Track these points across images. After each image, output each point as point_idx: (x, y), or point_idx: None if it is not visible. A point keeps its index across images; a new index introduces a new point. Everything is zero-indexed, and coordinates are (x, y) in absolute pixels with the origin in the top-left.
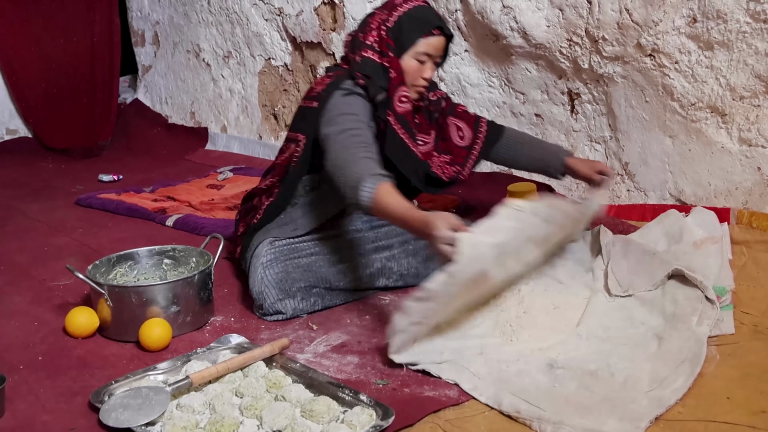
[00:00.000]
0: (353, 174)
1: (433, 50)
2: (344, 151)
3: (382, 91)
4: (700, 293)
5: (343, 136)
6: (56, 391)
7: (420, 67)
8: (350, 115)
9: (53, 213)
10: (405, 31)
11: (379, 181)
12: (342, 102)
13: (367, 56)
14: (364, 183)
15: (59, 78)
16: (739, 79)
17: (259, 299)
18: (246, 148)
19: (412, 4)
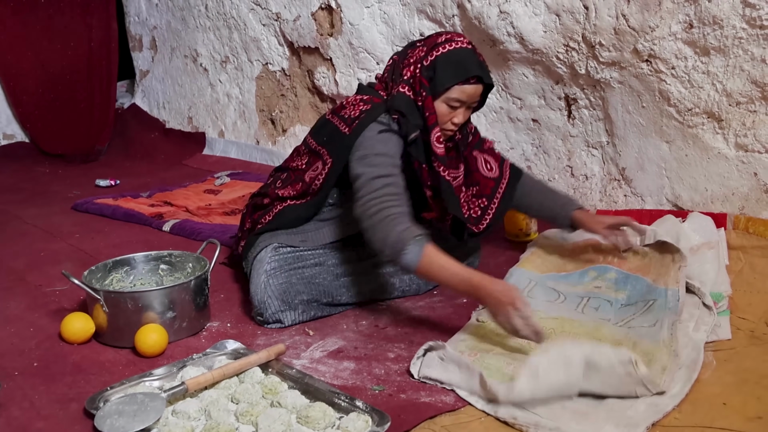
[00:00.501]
0: (393, 234)
1: (467, 98)
2: (379, 204)
3: (416, 129)
4: (698, 299)
5: (377, 182)
6: (51, 397)
7: (450, 113)
8: (385, 157)
9: (50, 218)
10: (439, 75)
11: (423, 244)
12: (378, 140)
13: (402, 92)
14: (407, 245)
15: (56, 83)
16: (735, 85)
17: (260, 308)
18: (243, 153)
19: (454, 45)
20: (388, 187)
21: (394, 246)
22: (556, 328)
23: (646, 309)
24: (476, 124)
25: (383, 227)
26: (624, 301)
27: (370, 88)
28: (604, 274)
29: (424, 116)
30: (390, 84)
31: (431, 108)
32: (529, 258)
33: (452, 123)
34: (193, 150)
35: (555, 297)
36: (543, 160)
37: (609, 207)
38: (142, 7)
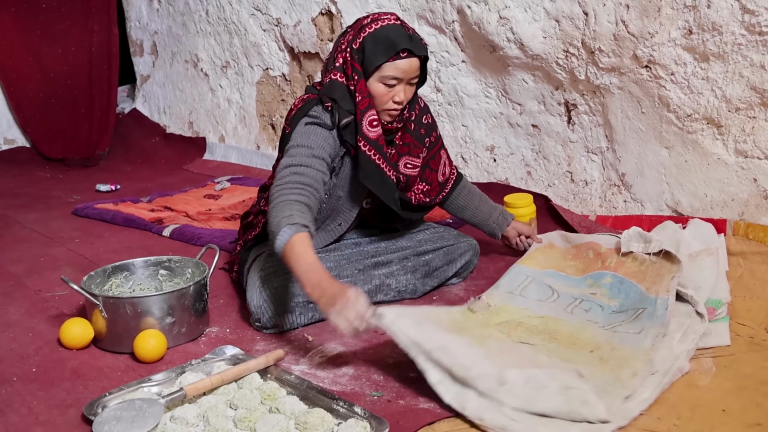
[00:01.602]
0: (276, 217)
1: (402, 73)
2: (279, 191)
3: (348, 115)
4: (691, 308)
5: (285, 171)
6: (50, 403)
7: (389, 91)
8: (303, 148)
9: (50, 223)
10: (369, 55)
11: (295, 231)
12: (301, 132)
13: (334, 79)
14: (282, 229)
15: (57, 88)
16: (734, 91)
17: (257, 313)
18: (244, 158)
19: (380, 24)
20: (294, 175)
21: (272, 229)
22: (539, 326)
23: (635, 317)
24: (476, 129)
25: (273, 211)
26: (616, 308)
27: (312, 87)
28: (601, 280)
29: (355, 101)
30: (323, 75)
31: (365, 91)
32: (531, 254)
33: (394, 102)
34: (193, 155)
35: (549, 295)
36: (543, 166)
37: (609, 213)
38: (143, 12)
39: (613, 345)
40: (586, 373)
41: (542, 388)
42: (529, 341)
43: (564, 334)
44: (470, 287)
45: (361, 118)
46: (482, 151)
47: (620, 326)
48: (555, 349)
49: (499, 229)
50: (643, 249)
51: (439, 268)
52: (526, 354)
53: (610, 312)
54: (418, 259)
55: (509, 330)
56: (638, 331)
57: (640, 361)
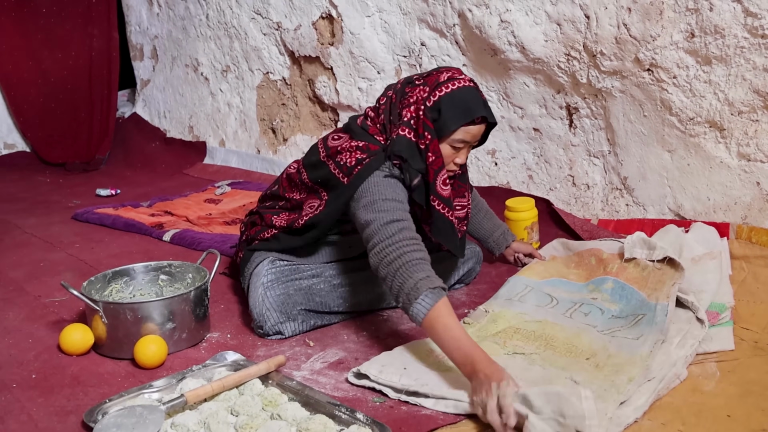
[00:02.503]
0: (411, 281)
1: (471, 138)
2: (398, 250)
3: (418, 174)
4: (691, 314)
5: (391, 228)
6: (49, 410)
7: (454, 154)
8: (395, 202)
9: (50, 228)
10: (445, 117)
11: (438, 298)
12: (384, 185)
13: (402, 135)
14: (422, 294)
15: (57, 92)
16: (737, 94)
17: (259, 321)
18: (244, 163)
19: (458, 84)
20: (403, 231)
21: (409, 293)
22: (537, 331)
23: (635, 323)
24: None
25: (403, 273)
26: (616, 312)
27: (364, 132)
28: (602, 285)
29: (426, 160)
30: (389, 126)
31: (438, 151)
32: (531, 266)
33: (454, 164)
34: (193, 159)
35: (547, 302)
36: (544, 170)
37: (611, 216)
38: (143, 16)
39: (610, 352)
40: (581, 380)
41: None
42: (525, 350)
43: (560, 341)
44: (472, 292)
45: (435, 177)
46: (483, 155)
47: (619, 331)
48: (550, 358)
49: (497, 249)
50: (646, 256)
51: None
52: (519, 366)
53: (610, 316)
54: None
55: (505, 339)
56: (636, 337)
57: (636, 367)
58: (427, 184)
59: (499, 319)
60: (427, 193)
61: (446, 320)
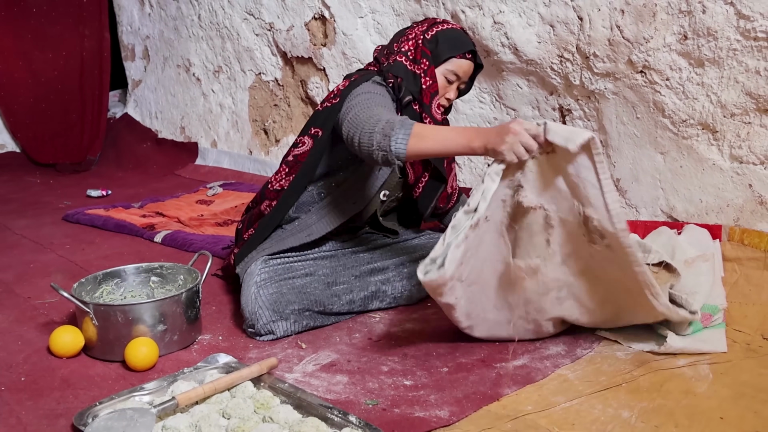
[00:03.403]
0: (379, 126)
1: (462, 73)
2: (367, 108)
3: (410, 94)
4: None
5: (365, 97)
6: (39, 413)
7: (446, 86)
8: (376, 95)
9: (40, 229)
10: (441, 46)
11: (411, 122)
12: (369, 86)
13: (400, 61)
14: (394, 129)
15: (48, 92)
16: (729, 96)
17: (251, 319)
18: (236, 164)
19: (451, 25)
20: (376, 97)
21: (382, 133)
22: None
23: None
24: None
25: (372, 121)
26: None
27: (358, 70)
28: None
29: (421, 84)
30: (382, 59)
31: (434, 77)
32: None
33: (445, 98)
34: (185, 160)
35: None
36: None
37: None
38: (135, 16)
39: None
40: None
41: None
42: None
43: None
44: None
45: (431, 100)
46: (477, 157)
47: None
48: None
49: None
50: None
51: None
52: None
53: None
54: (414, 265)
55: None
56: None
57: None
58: (422, 106)
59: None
60: (420, 117)
61: (426, 131)
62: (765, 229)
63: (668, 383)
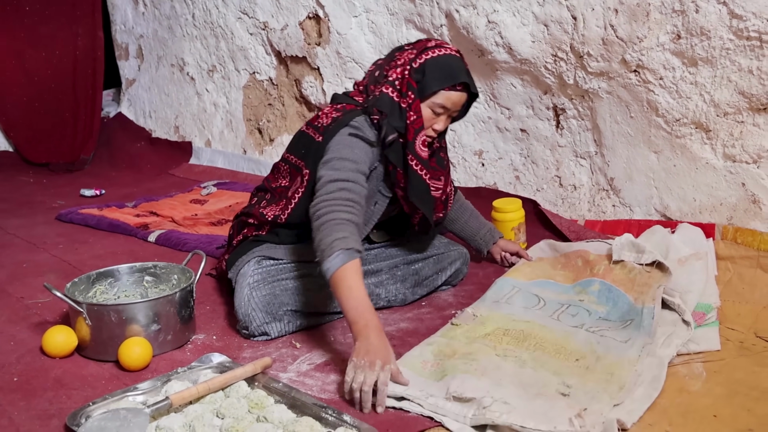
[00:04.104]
0: (330, 238)
1: (451, 105)
2: (329, 207)
3: (394, 131)
4: (677, 316)
5: (332, 186)
6: (31, 413)
7: (433, 118)
8: (348, 162)
9: (33, 228)
10: (428, 78)
11: (350, 258)
12: (344, 144)
13: (386, 92)
14: (335, 252)
15: (41, 92)
16: (723, 96)
17: (245, 321)
18: (230, 163)
19: (443, 51)
20: (343, 191)
21: (325, 249)
22: (525, 330)
23: (623, 328)
24: (465, 133)
25: (325, 229)
26: (603, 315)
27: (345, 96)
28: (589, 287)
29: (406, 119)
30: (371, 87)
31: (419, 111)
32: (518, 268)
33: (433, 129)
34: (179, 159)
35: (535, 303)
36: (531, 170)
37: (597, 217)
38: (129, 15)
39: (598, 354)
40: (573, 383)
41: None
42: (516, 353)
43: (550, 341)
44: (459, 293)
45: (414, 137)
46: (470, 156)
47: (607, 331)
48: (541, 359)
49: (485, 246)
50: (635, 259)
51: (429, 277)
52: (511, 368)
53: (597, 318)
54: (408, 268)
55: (495, 342)
56: (625, 340)
57: (625, 371)
58: (405, 144)
59: (487, 322)
60: (404, 154)
61: (351, 281)
62: (758, 227)
63: None
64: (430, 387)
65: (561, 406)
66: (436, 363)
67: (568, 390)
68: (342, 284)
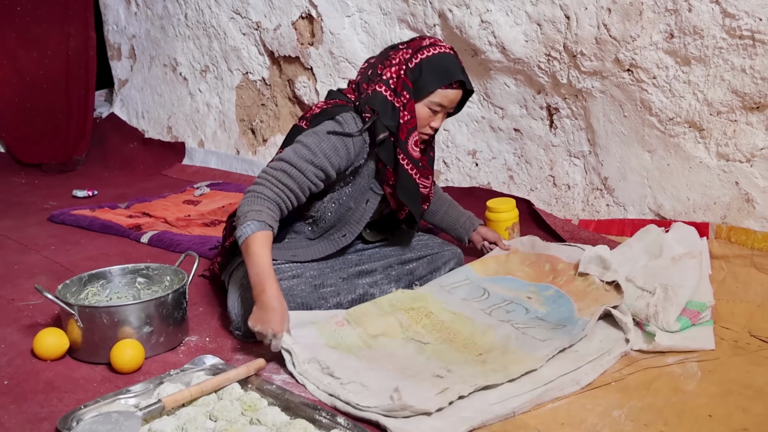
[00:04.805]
0: (245, 206)
1: (448, 102)
2: (261, 182)
3: (385, 130)
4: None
5: (277, 165)
6: (22, 417)
7: (430, 117)
8: (307, 151)
9: (25, 230)
10: (425, 78)
11: (260, 228)
12: (315, 133)
13: (379, 91)
14: (246, 222)
15: (33, 92)
16: (716, 95)
17: (237, 322)
18: (223, 163)
19: (438, 50)
20: (282, 173)
21: (240, 217)
22: (446, 321)
23: (551, 329)
24: (458, 133)
25: (247, 200)
26: (541, 315)
27: (339, 92)
28: (543, 291)
29: (399, 118)
30: (363, 85)
31: (413, 111)
32: (486, 260)
33: (430, 127)
34: (172, 160)
35: (479, 295)
36: (525, 170)
37: (591, 216)
38: (121, 15)
39: (510, 348)
40: (454, 369)
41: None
42: (423, 339)
43: (463, 336)
44: None
45: (407, 137)
46: (464, 156)
47: (532, 329)
48: (442, 351)
49: (465, 234)
50: (599, 275)
51: (423, 277)
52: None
53: (534, 317)
54: (402, 267)
55: (412, 321)
56: (543, 339)
57: (521, 366)
58: (397, 142)
59: (419, 299)
60: (395, 153)
61: (258, 248)
62: (752, 226)
63: (657, 381)
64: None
65: (425, 386)
66: (341, 323)
67: (446, 374)
68: (248, 251)
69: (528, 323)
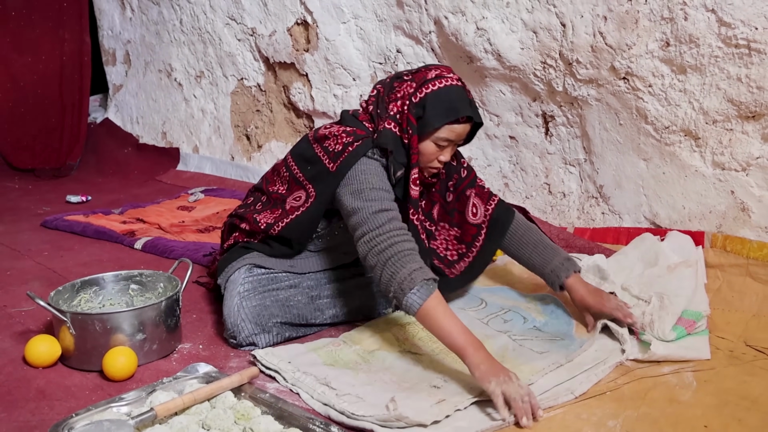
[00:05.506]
0: (404, 272)
1: (456, 137)
2: (388, 240)
3: (401, 167)
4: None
5: (380, 217)
6: (12, 425)
7: (438, 152)
8: (382, 192)
9: (18, 235)
10: (429, 114)
11: (432, 289)
12: (371, 173)
13: (388, 128)
14: (416, 286)
15: (27, 97)
16: (711, 103)
17: (233, 331)
18: (218, 169)
19: (444, 82)
20: (393, 221)
21: (401, 284)
22: None
23: (549, 340)
24: None
25: (393, 264)
26: (539, 324)
27: (354, 118)
28: (541, 300)
29: (409, 155)
30: (377, 118)
31: (415, 148)
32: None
33: (438, 161)
34: (166, 166)
35: (475, 304)
36: (520, 178)
37: (586, 225)
38: (116, 20)
39: (504, 360)
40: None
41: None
42: (419, 351)
43: None
44: None
45: (409, 173)
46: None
47: (530, 341)
48: (437, 363)
49: (557, 281)
50: (596, 284)
51: None
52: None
53: (532, 326)
54: None
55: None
56: (541, 352)
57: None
58: (406, 179)
59: None
60: (405, 189)
61: (442, 310)
62: (747, 235)
63: (652, 391)
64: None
65: (421, 397)
66: (338, 344)
67: (442, 384)
68: (432, 316)
69: (525, 334)
